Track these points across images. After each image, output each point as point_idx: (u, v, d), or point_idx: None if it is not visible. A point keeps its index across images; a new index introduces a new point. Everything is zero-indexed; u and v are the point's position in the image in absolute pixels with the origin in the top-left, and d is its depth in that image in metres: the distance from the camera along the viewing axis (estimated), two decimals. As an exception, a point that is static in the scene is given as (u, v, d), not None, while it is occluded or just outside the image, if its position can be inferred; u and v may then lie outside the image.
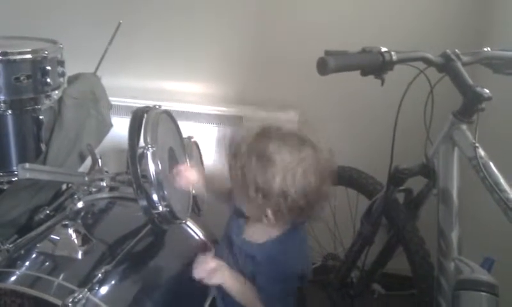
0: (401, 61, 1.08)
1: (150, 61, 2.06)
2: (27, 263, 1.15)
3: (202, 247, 1.37)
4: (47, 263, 1.13)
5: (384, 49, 1.06)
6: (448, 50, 1.12)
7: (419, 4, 1.81)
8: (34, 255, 1.17)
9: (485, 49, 1.20)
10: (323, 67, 1.00)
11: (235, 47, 1.99)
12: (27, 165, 1.24)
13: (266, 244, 1.08)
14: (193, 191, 1.38)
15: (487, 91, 1.06)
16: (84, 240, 1.18)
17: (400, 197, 1.34)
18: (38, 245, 1.19)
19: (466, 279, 1.00)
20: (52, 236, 1.17)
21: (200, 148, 1.65)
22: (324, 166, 0.99)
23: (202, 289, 1.30)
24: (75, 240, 1.16)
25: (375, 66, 1.05)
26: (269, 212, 1.00)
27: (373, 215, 1.37)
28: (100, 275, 1.07)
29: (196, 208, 1.48)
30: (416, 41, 1.69)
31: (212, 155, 1.74)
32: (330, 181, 1.00)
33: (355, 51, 1.07)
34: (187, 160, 1.43)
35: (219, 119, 1.96)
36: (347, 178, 1.54)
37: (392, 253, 1.43)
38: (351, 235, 1.54)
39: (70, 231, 1.16)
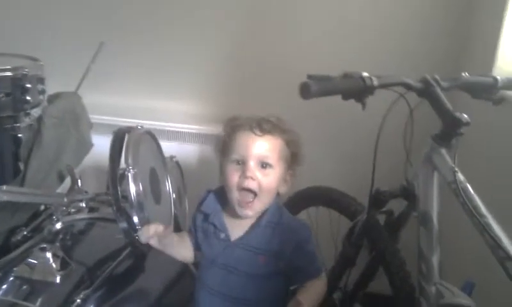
0: (382, 85, 1.07)
1: (132, 80, 2.06)
2: (3, 288, 1.12)
3: (184, 270, 1.35)
4: (24, 288, 1.11)
5: (365, 74, 1.05)
6: (427, 76, 1.13)
7: (402, 27, 1.85)
8: (10, 279, 1.14)
9: (463, 74, 1.20)
10: (306, 91, 0.99)
11: (216, 66, 2.00)
12: (4, 187, 1.21)
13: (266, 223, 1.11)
14: (174, 211, 1.36)
15: (465, 116, 1.07)
16: (63, 264, 1.16)
17: (382, 218, 1.35)
18: (14, 269, 1.16)
19: (447, 303, 1.01)
20: (29, 259, 1.15)
21: (182, 167, 1.64)
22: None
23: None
24: (53, 264, 1.14)
25: (356, 90, 1.05)
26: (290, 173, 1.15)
27: (355, 236, 1.37)
28: (78, 300, 1.05)
29: (177, 229, 1.46)
30: (399, 61, 1.74)
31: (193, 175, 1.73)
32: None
33: (337, 75, 1.07)
34: (168, 181, 1.42)
35: (201, 138, 1.96)
36: (329, 199, 1.54)
37: (373, 274, 1.43)
38: (332, 256, 1.54)
39: (48, 254, 1.14)
